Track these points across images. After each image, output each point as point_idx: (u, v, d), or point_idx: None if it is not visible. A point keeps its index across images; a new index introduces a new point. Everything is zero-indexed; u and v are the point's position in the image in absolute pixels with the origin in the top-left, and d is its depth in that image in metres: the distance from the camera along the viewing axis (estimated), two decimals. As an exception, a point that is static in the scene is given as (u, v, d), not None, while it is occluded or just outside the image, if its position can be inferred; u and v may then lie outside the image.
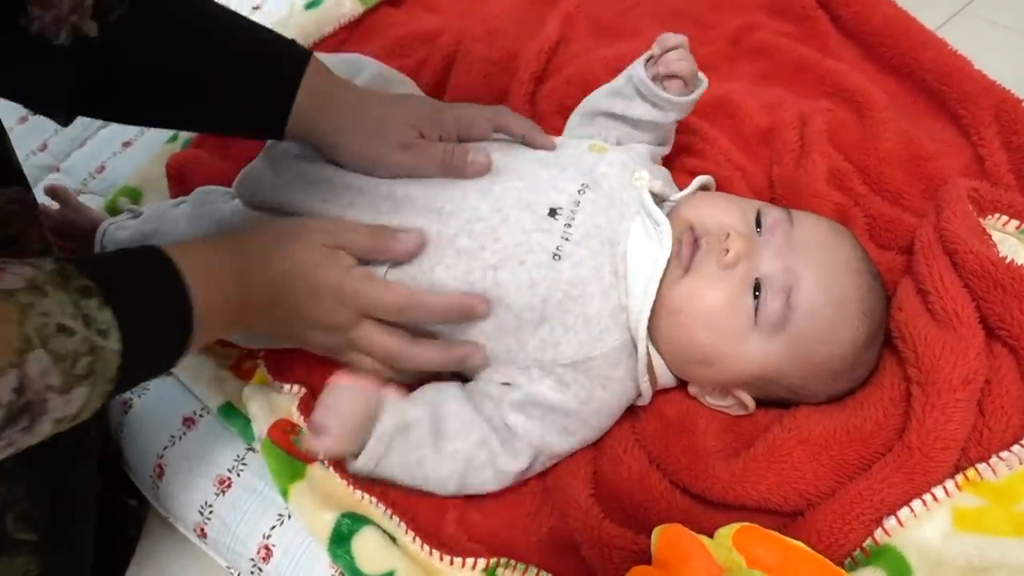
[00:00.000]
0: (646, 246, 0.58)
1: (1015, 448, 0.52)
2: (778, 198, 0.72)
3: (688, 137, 0.77)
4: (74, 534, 0.61)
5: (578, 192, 0.59)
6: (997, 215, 0.64)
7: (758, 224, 0.58)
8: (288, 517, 0.61)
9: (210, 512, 0.64)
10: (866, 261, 0.60)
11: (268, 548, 0.61)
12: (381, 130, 0.60)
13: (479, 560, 0.55)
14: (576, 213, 0.58)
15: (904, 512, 0.51)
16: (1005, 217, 0.64)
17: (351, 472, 0.58)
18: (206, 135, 0.89)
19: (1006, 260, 0.57)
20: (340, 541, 0.57)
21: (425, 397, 0.59)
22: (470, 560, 0.55)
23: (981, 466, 0.52)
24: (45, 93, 0.53)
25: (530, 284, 0.56)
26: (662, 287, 0.56)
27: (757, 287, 0.55)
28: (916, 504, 0.52)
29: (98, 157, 0.96)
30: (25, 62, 0.50)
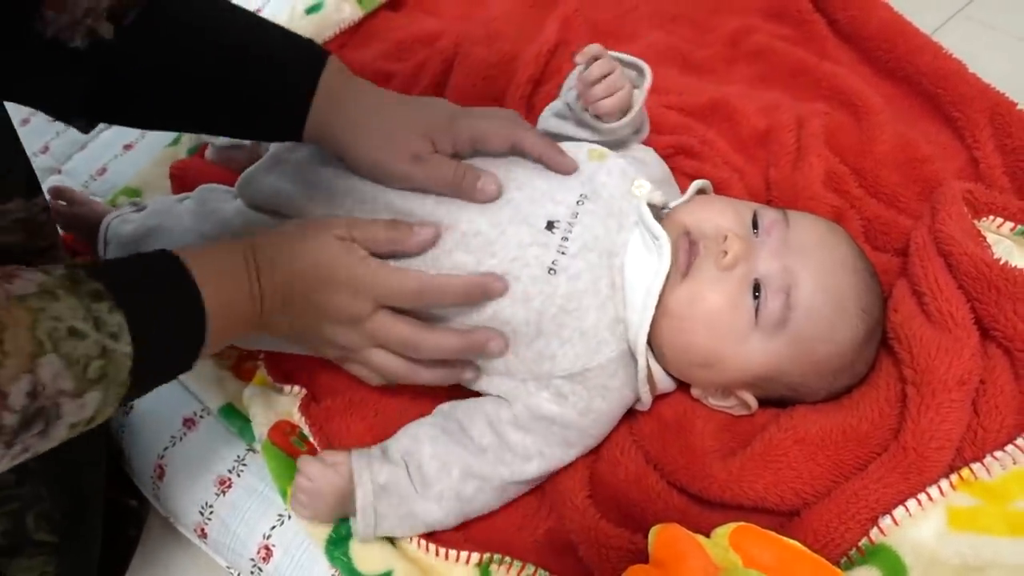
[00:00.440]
0: (644, 258, 0.57)
1: (1009, 448, 0.53)
2: (775, 200, 0.73)
3: (685, 139, 0.77)
4: (86, 536, 0.61)
5: (576, 203, 0.58)
6: (991, 217, 0.65)
7: (755, 226, 0.59)
8: (288, 518, 0.62)
9: (210, 512, 0.64)
10: (862, 259, 0.60)
11: (268, 548, 0.61)
12: (393, 138, 0.58)
13: (472, 554, 0.56)
14: (574, 225, 0.57)
15: (899, 511, 0.52)
16: (999, 219, 0.64)
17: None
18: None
19: (1000, 262, 0.58)
20: (338, 543, 0.57)
21: (399, 447, 0.58)
22: (464, 554, 0.56)
23: (975, 466, 0.53)
24: (62, 96, 0.52)
25: (525, 299, 0.56)
26: (661, 294, 0.56)
27: (757, 288, 0.56)
28: (911, 503, 0.52)
29: (99, 159, 0.96)
30: (41, 65, 0.50)
